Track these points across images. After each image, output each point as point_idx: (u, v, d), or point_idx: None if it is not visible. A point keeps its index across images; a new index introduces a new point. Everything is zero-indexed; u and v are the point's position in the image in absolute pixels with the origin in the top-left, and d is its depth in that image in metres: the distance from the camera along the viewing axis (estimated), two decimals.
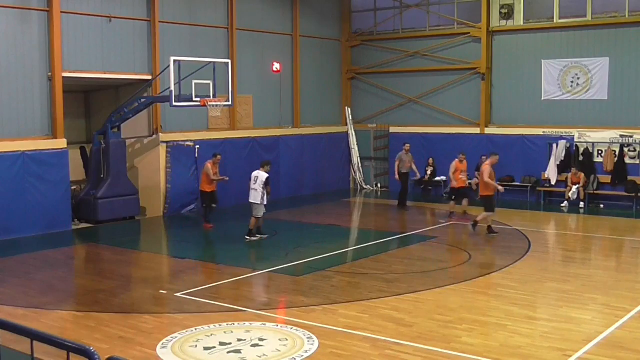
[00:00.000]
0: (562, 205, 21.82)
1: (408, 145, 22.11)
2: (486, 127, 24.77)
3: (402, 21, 26.69)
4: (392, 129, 26.49)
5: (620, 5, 22.62)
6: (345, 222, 20.17)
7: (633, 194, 21.82)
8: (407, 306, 11.12)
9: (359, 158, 27.18)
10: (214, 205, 18.46)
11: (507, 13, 24.47)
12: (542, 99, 23.88)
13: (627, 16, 22.49)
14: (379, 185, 27.09)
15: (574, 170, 22.32)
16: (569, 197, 22.03)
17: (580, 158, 22.76)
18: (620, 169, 22.15)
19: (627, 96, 22.36)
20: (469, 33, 25.04)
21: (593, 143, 22.64)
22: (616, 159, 22.23)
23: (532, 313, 10.94)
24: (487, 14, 24.62)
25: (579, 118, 23.06)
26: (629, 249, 16.63)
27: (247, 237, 16.66)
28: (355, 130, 27.27)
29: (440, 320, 10.36)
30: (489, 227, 17.32)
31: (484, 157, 19.95)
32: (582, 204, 21.88)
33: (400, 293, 11.85)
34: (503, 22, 24.65)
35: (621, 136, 22.25)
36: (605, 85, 22.78)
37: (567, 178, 22.32)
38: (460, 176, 19.65)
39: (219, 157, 18.40)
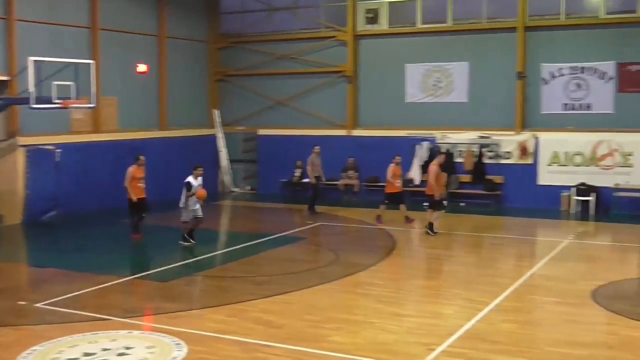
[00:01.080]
0: (425, 204, 22.43)
1: (318, 147, 21.75)
2: (353, 129, 25.23)
3: (270, 24, 26.74)
4: (261, 131, 26.49)
5: (478, 12, 23.63)
6: (214, 225, 19.98)
7: (491, 192, 22.84)
8: (276, 308, 11.12)
9: (228, 160, 26.97)
10: (144, 215, 17.01)
11: (373, 17, 25.01)
12: (406, 101, 24.59)
13: (484, 22, 23.53)
14: (248, 187, 27.02)
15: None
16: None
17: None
18: (479, 169, 23.13)
19: (486, 99, 23.39)
20: (335, 37, 25.42)
21: (454, 144, 23.51)
22: (475, 159, 23.20)
23: (399, 310, 11.21)
24: (352, 18, 25.08)
25: (441, 120, 23.89)
26: (488, 245, 17.35)
27: (181, 241, 16.27)
28: (224, 133, 27.06)
29: (310, 320, 10.43)
30: (430, 223, 17.74)
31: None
32: (444, 203, 22.63)
33: (269, 295, 11.84)
34: (368, 27, 25.18)
35: (480, 137, 23.23)
36: (465, 88, 23.73)
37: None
38: (397, 182, 19.23)
39: (142, 158, 16.89)
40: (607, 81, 21.98)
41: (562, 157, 22.32)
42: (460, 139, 23.51)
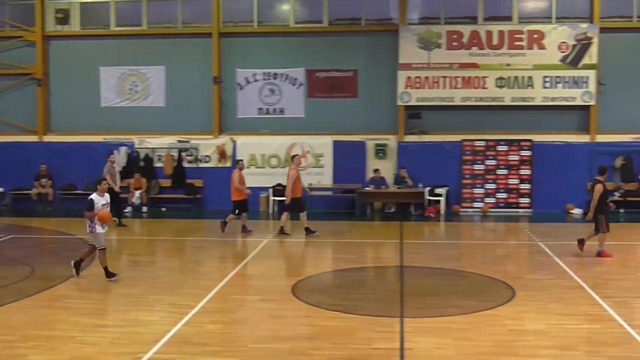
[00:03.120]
0: (126, 210, 21.93)
1: (114, 156, 20.01)
2: (45, 134, 23.83)
3: None
4: None
5: (174, 17, 23.59)
6: None
7: (192, 196, 22.93)
8: None
9: None
10: None
11: (63, 18, 23.85)
12: (102, 105, 23.83)
13: (180, 27, 23.56)
14: None
15: (136, 175, 22.65)
16: (133, 203, 22.29)
17: (142, 164, 23.19)
18: (179, 173, 23.10)
19: (183, 103, 23.43)
20: (23, 37, 23.83)
21: (153, 149, 23.23)
22: (175, 163, 23.14)
23: (100, 321, 10.72)
24: (41, 17, 23.70)
25: (139, 124, 23.48)
26: (191, 248, 17.35)
27: (106, 279, 13.16)
28: None
29: (4, 340, 9.56)
30: (307, 228, 17.96)
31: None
32: (144, 208, 22.30)
33: None
34: (59, 27, 23.96)
35: (179, 141, 23.21)
36: (162, 92, 23.58)
37: (129, 184, 22.53)
38: (246, 189, 18.44)
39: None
40: (298, 87, 23.20)
41: (259, 159, 23.10)
42: (159, 143, 23.31)
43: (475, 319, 10.73)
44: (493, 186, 22.47)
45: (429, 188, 22.00)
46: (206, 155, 23.28)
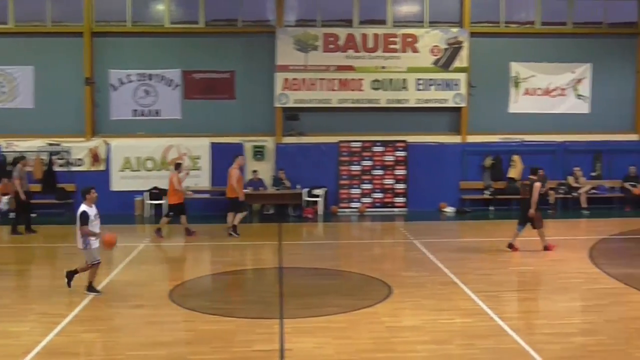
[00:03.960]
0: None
1: (25, 160, 18.94)
2: None
3: None
4: None
5: (42, 15, 22.68)
6: None
7: (63, 201, 22.10)
8: None
9: None
10: None
11: None
12: None
13: (49, 26, 22.68)
14: None
15: (4, 180, 21.57)
16: (0, 209, 21.23)
17: (9, 168, 22.12)
18: (50, 177, 22.21)
19: (53, 105, 22.56)
20: None
21: (22, 152, 22.21)
22: (46, 167, 22.24)
23: None
24: None
25: (6, 127, 22.46)
26: (63, 255, 16.68)
27: (86, 291, 12.22)
28: None
29: None
30: (234, 226, 17.98)
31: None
32: (12, 215, 21.32)
33: None
34: None
35: (49, 144, 22.34)
36: (31, 93, 22.63)
37: None
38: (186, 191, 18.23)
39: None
40: (174, 88, 22.83)
41: (134, 162, 22.56)
42: (29, 146, 22.34)
43: (354, 317, 10.87)
44: (369, 186, 22.88)
45: (307, 189, 22.16)
46: (78, 159, 22.51)
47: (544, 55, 23.52)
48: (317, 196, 22.17)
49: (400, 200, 22.96)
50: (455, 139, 23.27)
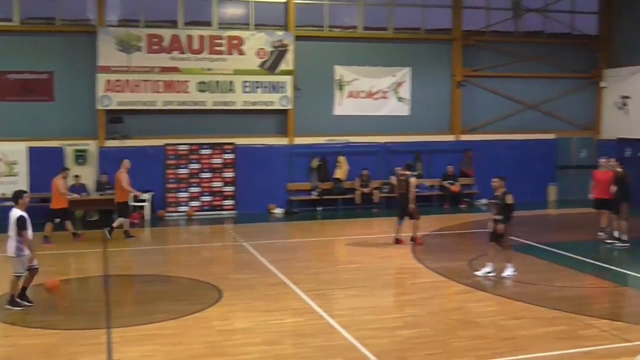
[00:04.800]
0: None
1: None
2: None
3: None
4: None
5: None
6: None
7: None
8: None
9: None
10: None
11: None
12: None
13: None
14: None
15: None
16: None
17: None
18: None
19: None
20: None
21: None
22: None
23: None
24: None
25: None
26: None
27: (7, 305, 11.37)
28: None
29: None
30: (126, 231, 18.00)
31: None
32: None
33: None
34: None
35: None
36: None
37: None
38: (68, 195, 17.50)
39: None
40: None
41: None
42: None
43: (184, 323, 10.69)
44: (197, 190, 22.59)
45: (132, 193, 21.49)
46: None
47: (366, 59, 24.26)
48: (144, 200, 21.59)
49: (229, 202, 22.84)
50: (283, 141, 23.49)
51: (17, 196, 11.69)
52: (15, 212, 11.46)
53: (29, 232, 11.49)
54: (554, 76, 25.92)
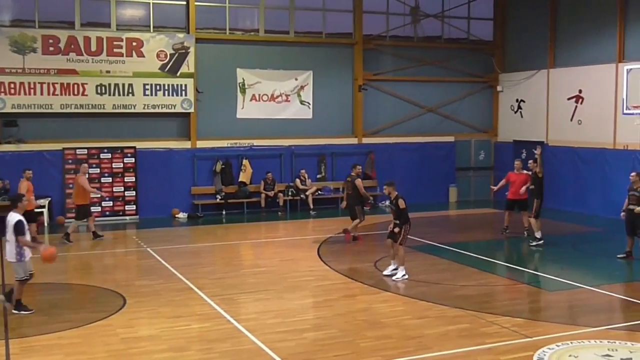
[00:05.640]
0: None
1: None
2: None
3: None
4: None
5: None
6: None
7: None
8: None
9: None
10: None
11: None
12: None
13: None
14: None
15: None
16: None
17: None
18: None
19: None
20: None
21: None
22: None
23: None
24: None
25: None
26: None
27: (15, 310, 11.02)
28: None
29: None
30: (94, 232, 18.51)
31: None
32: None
33: None
34: None
35: None
36: None
37: None
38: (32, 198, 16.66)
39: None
40: None
41: None
42: None
43: (87, 331, 10.41)
44: (98, 195, 21.99)
45: None
46: None
47: (268, 62, 24.25)
48: (42, 207, 20.86)
49: (131, 207, 22.36)
50: (185, 145, 23.19)
51: (17, 200, 11.68)
52: (14, 216, 11.29)
53: (27, 237, 11.33)
54: (453, 80, 26.64)
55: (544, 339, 10.07)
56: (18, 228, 11.15)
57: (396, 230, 13.94)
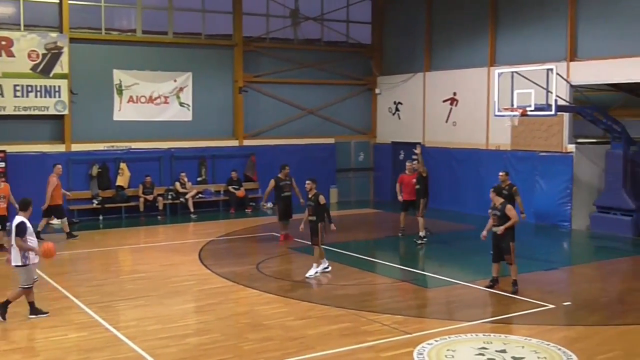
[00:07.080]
0: None
1: None
2: None
3: None
4: None
5: None
6: None
7: None
8: None
9: None
10: None
11: None
12: None
13: None
14: None
15: None
16: None
17: None
18: None
19: None
20: None
21: None
22: None
23: None
24: None
25: None
26: None
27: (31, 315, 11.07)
28: None
29: None
30: (69, 232, 18.68)
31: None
32: None
33: None
34: None
35: None
36: None
37: None
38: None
39: None
40: None
41: None
42: None
43: None
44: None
45: None
46: None
47: (146, 63, 23.75)
48: None
49: None
50: (59, 148, 22.36)
51: (27, 204, 11.61)
52: (17, 219, 11.28)
53: (27, 241, 11.19)
54: (332, 83, 26.97)
55: (424, 334, 10.34)
56: (17, 229, 11.11)
57: (317, 228, 14.19)
